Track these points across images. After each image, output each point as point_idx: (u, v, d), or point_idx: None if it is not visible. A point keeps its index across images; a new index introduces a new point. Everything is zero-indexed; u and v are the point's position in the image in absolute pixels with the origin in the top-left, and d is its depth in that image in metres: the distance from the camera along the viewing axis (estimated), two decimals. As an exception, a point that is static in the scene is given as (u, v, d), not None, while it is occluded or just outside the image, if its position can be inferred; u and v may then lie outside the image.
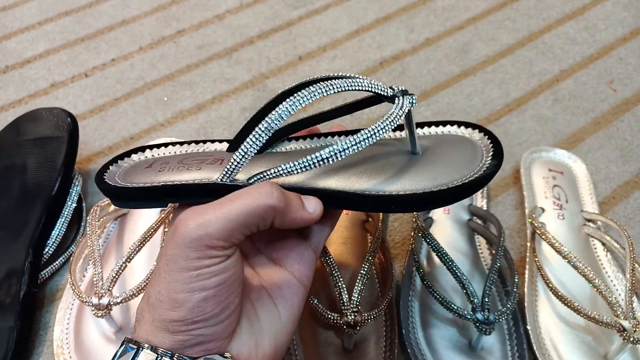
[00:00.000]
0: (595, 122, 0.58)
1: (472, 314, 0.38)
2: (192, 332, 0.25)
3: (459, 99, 0.61)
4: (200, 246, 0.24)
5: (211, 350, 0.25)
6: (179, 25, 0.70)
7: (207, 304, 0.25)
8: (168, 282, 0.25)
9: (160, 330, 0.25)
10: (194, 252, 0.24)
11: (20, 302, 0.41)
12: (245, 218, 0.25)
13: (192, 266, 0.25)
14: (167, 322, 0.25)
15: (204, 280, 0.25)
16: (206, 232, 0.24)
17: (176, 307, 0.25)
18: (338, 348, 0.40)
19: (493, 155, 0.30)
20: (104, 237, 0.47)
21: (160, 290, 0.25)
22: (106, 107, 0.61)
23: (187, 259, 0.24)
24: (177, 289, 0.25)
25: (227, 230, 0.25)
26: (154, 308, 0.25)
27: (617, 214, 0.50)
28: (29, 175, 0.46)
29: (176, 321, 0.25)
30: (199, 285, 0.25)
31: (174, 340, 0.25)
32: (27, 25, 0.70)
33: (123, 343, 0.26)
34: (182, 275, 0.25)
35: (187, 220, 0.25)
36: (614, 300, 0.38)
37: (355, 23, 0.70)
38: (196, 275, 0.24)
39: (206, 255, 0.25)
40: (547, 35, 0.68)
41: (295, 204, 0.27)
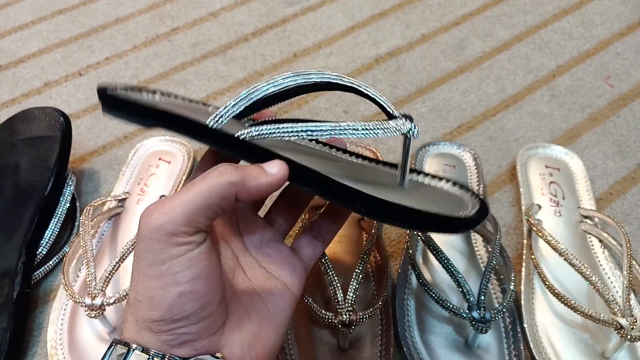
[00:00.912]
0: (592, 118, 0.58)
1: (468, 313, 0.37)
2: (175, 331, 0.25)
3: (455, 95, 0.60)
4: (163, 235, 0.24)
5: (200, 350, 0.25)
6: (173, 23, 0.70)
7: (184, 300, 0.24)
8: (142, 280, 0.25)
9: (144, 331, 0.25)
10: (157, 242, 0.24)
11: (14, 303, 0.41)
12: (203, 199, 0.25)
13: (160, 259, 0.24)
14: (148, 322, 0.25)
15: (175, 275, 0.24)
16: (166, 220, 0.24)
17: (154, 307, 0.24)
18: (333, 347, 0.40)
19: (477, 211, 0.29)
20: (97, 237, 0.46)
21: (138, 290, 0.25)
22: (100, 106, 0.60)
23: (153, 252, 0.24)
24: (150, 286, 0.24)
25: (186, 215, 0.24)
26: (134, 309, 0.25)
27: (615, 211, 0.50)
28: (21, 175, 0.46)
29: (157, 321, 0.24)
30: (171, 280, 0.24)
31: (160, 341, 0.25)
32: (21, 24, 0.70)
33: (112, 344, 0.25)
34: (152, 270, 0.24)
35: (147, 213, 0.25)
36: (611, 297, 0.38)
37: (350, 20, 0.70)
38: (166, 270, 0.24)
39: (171, 244, 0.24)
40: (543, 30, 0.67)
41: (253, 172, 0.26)
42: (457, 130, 0.57)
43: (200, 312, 0.25)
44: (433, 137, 0.57)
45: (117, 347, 0.25)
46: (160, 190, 0.50)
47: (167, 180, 0.51)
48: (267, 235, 0.32)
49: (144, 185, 0.50)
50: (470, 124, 0.58)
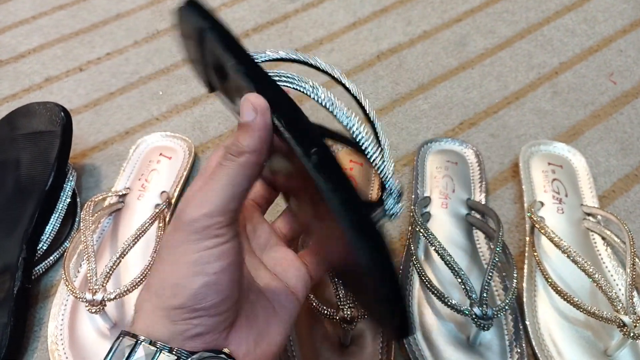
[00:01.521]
0: (594, 115, 0.57)
1: (470, 310, 0.37)
2: (193, 321, 0.25)
3: (457, 92, 0.60)
4: (200, 227, 0.25)
5: (209, 343, 0.25)
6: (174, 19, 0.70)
7: (208, 290, 0.25)
8: (171, 268, 0.25)
9: (160, 319, 0.25)
10: (194, 234, 0.25)
11: (14, 298, 0.41)
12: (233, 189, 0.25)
13: (194, 248, 0.25)
14: (169, 310, 0.25)
15: (205, 265, 0.25)
16: (203, 212, 0.25)
17: (178, 293, 0.25)
18: (335, 344, 0.40)
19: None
20: (98, 233, 0.46)
21: (164, 278, 0.25)
22: (101, 102, 0.60)
23: (189, 242, 0.25)
24: (179, 274, 0.25)
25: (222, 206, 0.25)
26: (156, 297, 0.25)
27: (617, 208, 0.50)
28: (22, 170, 0.46)
29: (178, 308, 0.25)
30: (200, 269, 0.25)
31: (174, 330, 0.25)
32: (22, 20, 0.70)
33: (119, 336, 0.25)
34: (184, 258, 0.25)
35: (184, 208, 0.26)
36: (614, 295, 0.38)
37: (352, 16, 0.69)
38: (197, 259, 0.25)
39: (207, 236, 0.25)
40: (546, 27, 0.67)
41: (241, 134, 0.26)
42: (459, 127, 0.57)
43: (220, 305, 0.25)
44: (435, 133, 0.56)
45: (124, 339, 0.25)
46: (161, 186, 0.50)
47: (168, 176, 0.51)
48: (273, 240, 0.33)
49: (145, 181, 0.50)
50: (472, 120, 0.57)
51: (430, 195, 0.49)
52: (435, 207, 0.48)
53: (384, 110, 0.59)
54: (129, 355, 0.24)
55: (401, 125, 0.57)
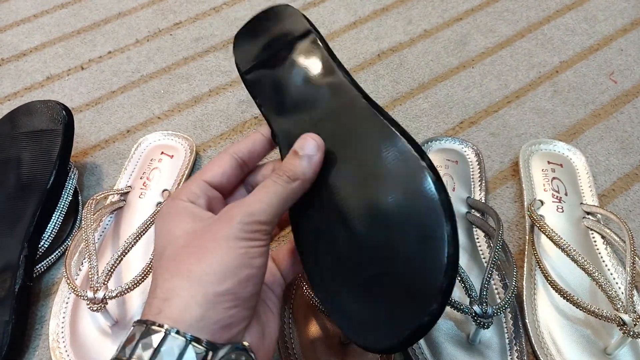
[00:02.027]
0: (595, 114, 0.58)
1: (470, 308, 0.37)
2: (231, 310, 0.26)
3: (458, 91, 0.60)
4: (251, 229, 0.27)
5: (234, 336, 0.26)
6: (175, 18, 0.70)
7: (249, 282, 0.27)
8: (221, 256, 0.26)
9: (197, 307, 0.25)
10: (244, 233, 0.27)
11: (16, 296, 0.41)
12: (283, 204, 0.29)
13: (242, 245, 0.27)
14: (211, 295, 0.25)
15: (251, 259, 0.27)
16: (256, 219, 0.28)
17: (225, 279, 0.26)
18: (336, 342, 0.40)
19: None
20: (99, 231, 0.46)
21: (210, 264, 0.26)
22: (102, 100, 0.60)
23: (239, 238, 0.27)
24: (229, 262, 0.26)
25: (271, 215, 0.28)
26: (198, 282, 0.26)
27: (617, 207, 0.50)
28: (24, 168, 0.46)
29: (222, 294, 0.26)
30: (247, 262, 0.27)
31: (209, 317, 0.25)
32: (23, 18, 0.70)
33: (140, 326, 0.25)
34: (234, 251, 0.27)
35: (237, 209, 0.28)
36: (614, 293, 0.38)
37: (352, 15, 0.69)
38: (244, 253, 0.27)
39: (254, 237, 0.27)
40: (546, 26, 0.67)
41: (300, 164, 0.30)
42: (459, 126, 0.57)
43: (254, 298, 0.27)
44: (435, 132, 0.56)
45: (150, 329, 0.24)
46: (162, 185, 0.50)
47: (169, 175, 0.51)
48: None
49: (147, 179, 0.50)
50: (473, 119, 0.58)
51: (431, 194, 0.49)
52: (435, 205, 0.48)
53: (384, 108, 0.59)
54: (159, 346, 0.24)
55: (401, 123, 0.57)
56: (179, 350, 0.24)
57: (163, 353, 0.24)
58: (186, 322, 0.25)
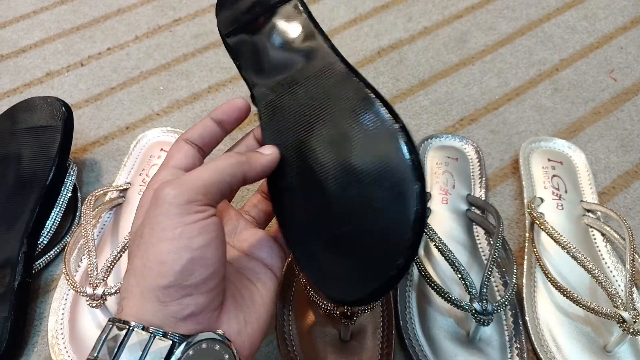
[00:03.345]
0: (595, 112, 0.57)
1: (470, 305, 0.37)
2: (183, 300, 0.25)
3: (458, 88, 0.60)
4: (182, 201, 0.26)
5: (202, 324, 0.25)
6: (175, 14, 0.70)
7: (194, 266, 0.25)
8: (154, 245, 0.25)
9: (150, 302, 0.24)
10: (176, 207, 0.25)
11: (15, 293, 0.41)
12: (218, 176, 0.27)
13: (175, 222, 0.25)
14: (157, 291, 0.24)
15: (188, 239, 0.25)
16: (186, 188, 0.26)
17: (164, 272, 0.25)
18: (335, 339, 0.40)
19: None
20: (99, 227, 0.46)
21: (148, 257, 0.25)
22: (102, 97, 0.60)
23: (171, 216, 0.25)
24: (163, 250, 0.25)
25: (204, 186, 0.27)
26: (142, 278, 0.25)
27: (617, 205, 0.50)
28: (23, 164, 0.46)
29: (166, 287, 0.24)
30: (184, 244, 0.25)
31: (166, 313, 0.24)
32: (22, 14, 0.70)
33: (108, 324, 0.25)
34: (167, 234, 0.25)
35: (166, 184, 0.26)
36: (614, 291, 0.38)
37: (352, 12, 0.69)
38: (180, 234, 0.25)
39: (187, 210, 0.26)
40: (546, 24, 0.67)
41: (255, 154, 0.30)
42: (459, 123, 0.57)
43: (209, 281, 0.26)
44: (435, 129, 0.56)
45: (114, 327, 0.24)
46: (161, 181, 0.50)
47: (168, 171, 0.51)
48: (241, 224, 0.34)
49: (146, 176, 0.50)
50: (473, 117, 0.57)
51: (431, 191, 0.49)
52: (435, 203, 0.48)
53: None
54: (122, 343, 0.24)
55: (402, 121, 0.57)
56: (142, 345, 0.23)
57: (127, 349, 0.24)
58: (146, 318, 0.24)
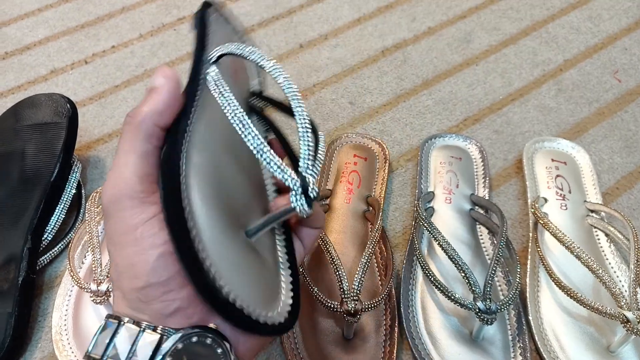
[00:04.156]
0: (599, 113, 0.57)
1: (473, 304, 0.37)
2: (165, 297, 0.24)
3: (461, 88, 0.60)
4: (126, 201, 0.24)
5: (192, 318, 0.24)
6: (179, 13, 0.70)
7: (165, 262, 0.24)
8: (119, 250, 0.24)
9: (134, 304, 0.24)
10: (124, 210, 0.24)
11: (19, 289, 0.41)
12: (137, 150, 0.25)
13: (132, 224, 0.24)
14: (135, 293, 0.24)
15: (150, 237, 0.24)
16: (121, 187, 0.25)
17: (136, 274, 0.24)
18: (338, 337, 0.40)
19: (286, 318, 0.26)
20: (102, 224, 0.46)
21: (118, 262, 0.25)
22: (106, 94, 0.60)
23: (124, 219, 0.24)
24: (129, 253, 0.24)
25: (134, 173, 0.25)
26: (119, 283, 0.25)
27: (621, 205, 0.50)
28: (27, 161, 0.46)
29: (143, 288, 0.24)
30: (148, 243, 0.24)
31: (152, 312, 0.24)
32: (27, 12, 0.70)
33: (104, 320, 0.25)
34: (127, 238, 0.24)
35: (104, 191, 0.25)
36: (618, 291, 0.38)
37: (356, 11, 0.69)
38: (140, 234, 0.24)
39: (136, 207, 0.24)
40: (550, 24, 0.67)
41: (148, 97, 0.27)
42: (463, 123, 0.57)
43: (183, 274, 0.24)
44: (439, 129, 0.56)
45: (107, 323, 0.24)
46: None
47: (172, 169, 0.51)
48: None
49: (150, 174, 0.50)
50: (477, 117, 0.57)
51: (434, 191, 0.49)
52: (438, 202, 0.48)
53: (388, 105, 0.59)
54: (112, 337, 0.24)
55: (405, 120, 0.57)
56: (132, 339, 0.23)
57: (116, 343, 0.23)
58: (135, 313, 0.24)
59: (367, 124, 0.57)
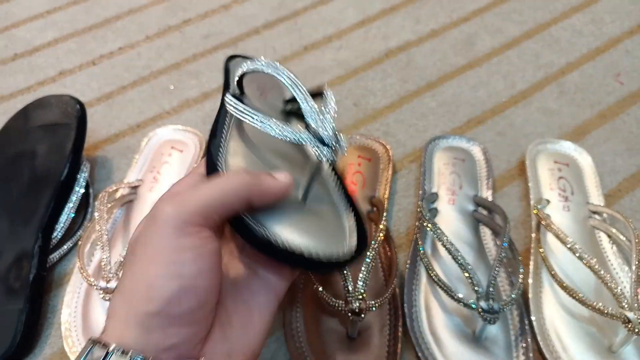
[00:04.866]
0: (601, 115, 0.58)
1: (476, 303, 0.38)
2: (169, 330, 0.23)
3: (465, 90, 0.61)
4: (179, 221, 0.24)
5: (183, 354, 0.24)
6: (185, 15, 0.70)
7: (184, 295, 0.23)
8: (145, 266, 0.24)
9: (133, 328, 0.23)
10: (172, 228, 0.24)
11: (30, 286, 0.42)
12: (221, 196, 0.25)
13: (170, 246, 0.24)
14: (142, 316, 0.23)
15: (180, 265, 0.24)
16: (184, 208, 0.24)
17: (152, 297, 0.23)
18: (342, 336, 0.40)
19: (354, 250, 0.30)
20: (110, 223, 0.47)
21: (137, 279, 0.24)
22: (113, 95, 0.61)
23: (165, 237, 0.24)
24: (153, 273, 0.23)
25: (204, 207, 0.25)
26: (129, 299, 0.24)
27: (623, 207, 0.50)
28: (38, 161, 0.47)
29: (152, 314, 0.23)
30: (175, 270, 0.23)
31: (148, 341, 0.23)
32: (36, 14, 0.71)
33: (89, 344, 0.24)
34: (159, 257, 0.24)
35: (165, 199, 0.25)
36: (619, 291, 0.38)
37: (361, 13, 0.70)
38: (172, 259, 0.24)
39: (184, 232, 0.24)
40: (553, 27, 0.67)
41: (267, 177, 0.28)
42: (466, 125, 0.57)
43: (197, 312, 0.24)
44: (443, 131, 0.57)
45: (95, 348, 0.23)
46: (172, 179, 0.50)
47: (179, 169, 0.51)
48: None
49: (157, 173, 0.51)
50: (480, 119, 0.58)
51: (438, 191, 0.50)
52: (442, 203, 0.49)
53: (391, 107, 0.59)
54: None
55: (409, 122, 0.58)
56: None
57: None
58: (127, 342, 0.23)
59: (371, 126, 0.57)
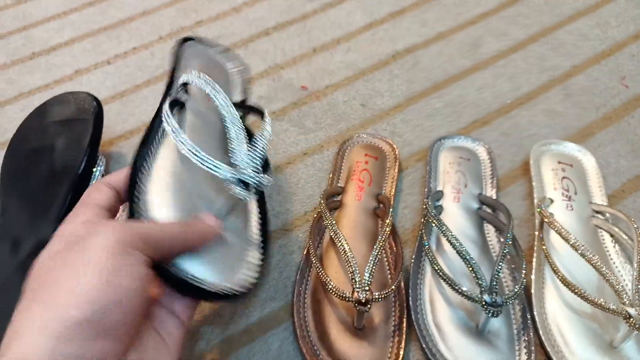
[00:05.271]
0: (606, 117, 0.59)
1: (480, 297, 0.39)
2: (92, 342, 0.22)
3: (470, 92, 0.62)
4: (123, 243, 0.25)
5: None
6: (197, 17, 0.72)
7: (117, 308, 0.23)
8: (80, 274, 0.23)
9: (49, 340, 0.21)
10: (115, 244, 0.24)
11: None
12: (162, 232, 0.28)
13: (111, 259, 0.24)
14: (68, 324, 0.21)
15: (118, 278, 0.23)
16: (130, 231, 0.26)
17: (83, 303, 0.22)
18: (349, 327, 0.41)
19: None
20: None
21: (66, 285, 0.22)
22: (127, 93, 0.63)
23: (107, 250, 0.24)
24: (89, 280, 0.23)
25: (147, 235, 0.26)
26: (52, 308, 0.22)
27: (626, 208, 0.51)
28: (56, 155, 0.48)
29: (79, 322, 0.22)
30: (112, 282, 0.23)
31: (63, 353, 0.21)
32: (53, 15, 0.73)
33: None
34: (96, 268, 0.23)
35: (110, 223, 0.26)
36: (621, 287, 0.39)
37: (368, 17, 0.71)
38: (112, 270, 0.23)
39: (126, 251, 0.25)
40: (559, 31, 0.68)
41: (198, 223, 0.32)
42: (472, 126, 0.58)
43: (122, 328, 0.24)
44: (448, 131, 0.58)
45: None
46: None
47: (191, 165, 0.53)
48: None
49: (169, 169, 0.52)
50: (485, 119, 0.59)
51: (443, 190, 0.51)
52: (447, 200, 0.50)
53: (398, 107, 0.60)
54: None
55: (415, 122, 0.59)
56: None
57: None
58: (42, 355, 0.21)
59: (378, 125, 0.59)
